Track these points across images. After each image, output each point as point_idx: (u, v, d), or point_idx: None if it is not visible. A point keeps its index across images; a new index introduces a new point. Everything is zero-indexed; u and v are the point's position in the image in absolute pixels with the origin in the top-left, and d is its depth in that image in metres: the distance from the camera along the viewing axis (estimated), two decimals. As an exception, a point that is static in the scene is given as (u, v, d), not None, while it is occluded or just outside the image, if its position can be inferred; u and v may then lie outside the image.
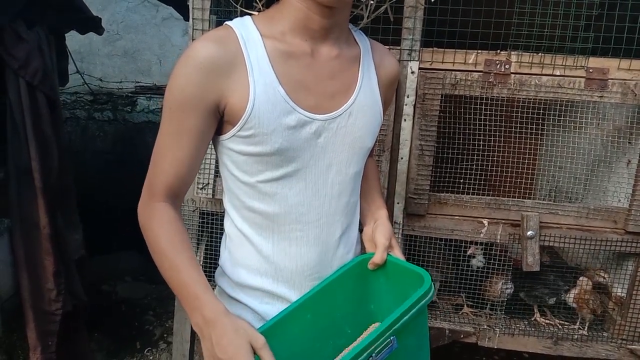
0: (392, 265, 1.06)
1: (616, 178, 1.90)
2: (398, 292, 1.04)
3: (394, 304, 1.01)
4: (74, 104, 4.69)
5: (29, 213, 2.21)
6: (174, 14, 4.37)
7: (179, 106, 0.90)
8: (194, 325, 0.89)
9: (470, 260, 1.92)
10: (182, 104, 0.90)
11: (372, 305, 1.10)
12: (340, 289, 1.04)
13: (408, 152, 1.76)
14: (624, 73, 1.67)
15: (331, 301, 1.03)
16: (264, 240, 1.03)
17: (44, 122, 2.22)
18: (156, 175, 0.95)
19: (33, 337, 2.25)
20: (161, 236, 0.92)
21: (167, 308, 3.49)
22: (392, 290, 1.07)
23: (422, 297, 0.93)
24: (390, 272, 1.07)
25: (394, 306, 0.97)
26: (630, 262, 1.83)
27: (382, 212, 1.17)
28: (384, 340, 0.86)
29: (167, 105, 0.92)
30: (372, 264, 1.07)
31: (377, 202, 1.21)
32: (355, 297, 1.08)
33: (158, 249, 0.92)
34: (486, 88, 1.71)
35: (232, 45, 0.91)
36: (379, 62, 1.10)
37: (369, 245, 1.13)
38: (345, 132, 1.02)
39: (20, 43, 2.10)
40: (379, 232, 1.10)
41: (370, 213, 1.19)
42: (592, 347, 1.84)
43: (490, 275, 1.89)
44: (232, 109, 0.90)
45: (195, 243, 1.93)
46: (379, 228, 1.11)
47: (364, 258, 1.09)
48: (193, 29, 1.74)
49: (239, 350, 0.81)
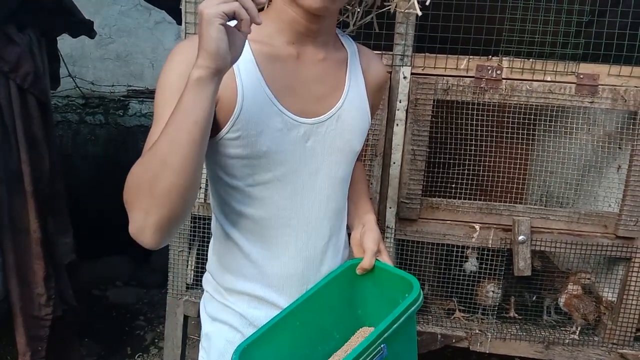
0: (380, 270, 1.06)
1: (607, 183, 1.92)
2: (385, 297, 1.04)
3: (381, 309, 1.02)
4: (66, 108, 4.66)
5: (19, 217, 2.19)
6: (166, 17, 4.36)
7: (166, 102, 0.88)
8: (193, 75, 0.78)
9: (463, 264, 1.92)
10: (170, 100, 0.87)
11: (359, 310, 1.10)
12: (328, 294, 1.04)
13: (400, 156, 1.76)
14: (614, 79, 1.69)
15: (320, 307, 1.02)
16: (252, 245, 1.02)
17: (35, 125, 2.21)
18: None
19: (22, 342, 2.22)
20: (134, 166, 0.84)
21: (158, 313, 3.47)
22: (379, 296, 1.07)
23: (412, 304, 0.93)
24: (378, 278, 1.07)
25: (381, 311, 0.98)
26: (620, 266, 1.84)
27: (370, 217, 1.16)
28: (375, 349, 0.86)
29: (155, 104, 0.91)
30: (361, 269, 1.06)
31: (364, 206, 1.20)
32: (343, 301, 1.08)
33: (141, 170, 0.82)
34: (478, 93, 1.72)
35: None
36: (366, 66, 1.10)
37: (356, 250, 1.12)
38: (334, 135, 1.02)
39: (11, 46, 2.09)
40: (368, 237, 1.09)
41: (358, 217, 1.18)
42: (583, 352, 1.85)
43: (482, 280, 1.90)
44: (219, 110, 0.90)
45: (187, 247, 1.92)
46: (367, 233, 1.11)
47: (352, 263, 1.08)
48: (185, 33, 1.74)
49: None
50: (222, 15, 0.74)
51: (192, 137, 0.78)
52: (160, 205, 0.80)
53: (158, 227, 0.82)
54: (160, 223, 0.81)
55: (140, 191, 0.81)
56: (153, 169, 0.79)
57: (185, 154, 0.78)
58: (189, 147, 0.78)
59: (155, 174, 0.79)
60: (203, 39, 0.76)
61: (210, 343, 1.12)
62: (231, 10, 0.75)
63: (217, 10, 0.74)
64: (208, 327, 1.13)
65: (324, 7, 0.89)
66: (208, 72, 0.77)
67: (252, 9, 0.77)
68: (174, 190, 0.79)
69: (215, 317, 1.11)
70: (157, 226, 0.81)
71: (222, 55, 0.76)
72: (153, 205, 0.80)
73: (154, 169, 0.79)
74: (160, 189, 0.79)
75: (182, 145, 0.78)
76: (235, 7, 0.75)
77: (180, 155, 0.78)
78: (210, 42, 0.75)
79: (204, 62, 0.77)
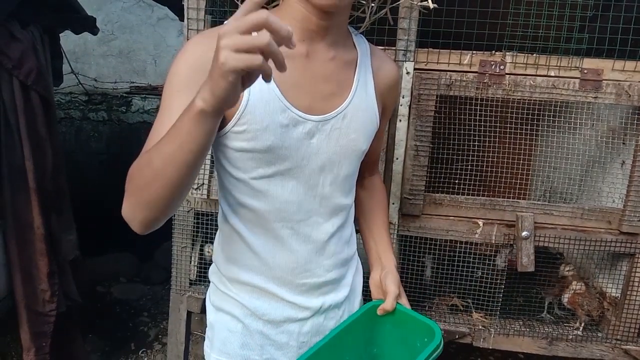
0: (401, 313, 1.10)
1: (610, 179, 1.91)
2: (403, 339, 1.09)
3: (397, 350, 1.10)
4: (69, 104, 4.68)
5: (22, 213, 2.19)
6: (169, 14, 4.37)
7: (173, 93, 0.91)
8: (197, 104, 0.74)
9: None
10: (177, 91, 0.90)
11: (375, 349, 1.14)
12: (351, 332, 1.08)
13: (403, 152, 1.76)
14: (618, 74, 1.68)
15: (342, 345, 1.05)
16: (255, 237, 1.04)
17: (38, 122, 2.21)
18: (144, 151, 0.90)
19: (27, 338, 2.24)
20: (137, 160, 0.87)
21: (162, 309, 3.48)
22: (396, 337, 1.11)
23: (434, 351, 0.97)
24: (398, 320, 1.10)
25: (397, 352, 1.09)
26: (624, 262, 1.83)
27: (390, 261, 1.19)
28: None
29: (164, 92, 0.93)
30: (382, 309, 1.09)
31: (384, 241, 1.24)
32: (362, 340, 1.11)
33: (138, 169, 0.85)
34: (481, 89, 1.71)
35: None
36: (377, 68, 1.11)
37: (375, 291, 1.16)
38: (339, 134, 1.02)
39: (14, 42, 2.09)
40: (389, 280, 1.12)
41: (377, 256, 1.22)
42: (586, 348, 1.84)
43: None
44: None
45: (190, 243, 1.92)
46: (388, 276, 1.13)
47: (373, 304, 1.12)
48: (188, 29, 1.73)
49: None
50: (241, 72, 0.67)
51: (186, 163, 0.79)
52: (148, 208, 0.85)
53: (144, 223, 0.88)
54: (146, 221, 0.87)
55: (133, 190, 0.86)
56: (145, 177, 0.83)
57: (177, 174, 0.80)
58: (182, 169, 0.80)
59: (147, 182, 0.83)
60: (213, 82, 0.70)
61: (214, 332, 1.15)
62: (253, 67, 0.66)
63: (235, 63, 0.66)
64: (212, 317, 1.16)
65: (334, 4, 0.90)
66: (212, 109, 0.73)
67: (279, 57, 0.67)
68: (161, 200, 0.83)
69: (219, 307, 1.13)
70: (143, 222, 0.88)
71: (230, 101, 0.73)
72: (142, 206, 0.85)
73: (147, 177, 0.83)
74: (149, 196, 0.83)
75: (175, 167, 0.79)
76: (258, 64, 0.66)
77: (172, 174, 0.80)
78: (219, 90, 0.70)
79: (210, 99, 0.72)
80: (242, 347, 1.11)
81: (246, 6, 0.67)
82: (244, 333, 1.11)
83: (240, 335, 1.11)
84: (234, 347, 1.11)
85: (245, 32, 0.66)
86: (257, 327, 1.10)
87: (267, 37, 0.65)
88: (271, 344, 1.11)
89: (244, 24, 0.66)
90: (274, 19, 0.65)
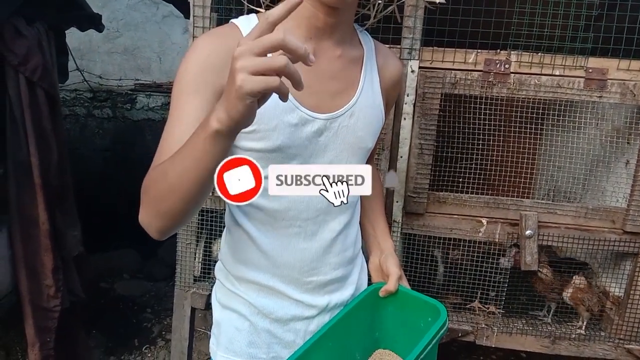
0: (403, 294, 1.11)
1: (615, 178, 1.91)
2: (405, 320, 1.09)
3: (399, 332, 1.10)
4: (74, 101, 4.69)
5: (27, 209, 2.21)
6: (174, 11, 4.37)
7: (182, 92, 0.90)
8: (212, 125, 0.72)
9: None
10: (187, 90, 0.90)
11: (377, 332, 1.14)
12: (354, 316, 1.08)
13: (407, 150, 1.76)
14: (623, 73, 1.68)
15: (347, 328, 1.06)
16: (263, 236, 1.04)
17: (43, 118, 2.22)
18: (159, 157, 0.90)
19: (31, 333, 2.25)
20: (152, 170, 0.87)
21: (166, 305, 3.50)
22: (399, 319, 1.11)
23: (441, 328, 0.98)
24: (401, 301, 1.11)
25: (399, 334, 1.08)
26: (627, 261, 1.83)
27: (388, 244, 1.21)
28: None
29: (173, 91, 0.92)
30: (385, 291, 1.10)
31: (381, 226, 1.25)
32: (365, 323, 1.12)
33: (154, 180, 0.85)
34: (486, 87, 1.71)
35: (233, 42, 0.91)
36: (382, 64, 1.11)
37: (375, 274, 1.17)
38: (347, 132, 1.03)
39: (20, 39, 2.10)
40: (390, 262, 1.13)
41: (375, 241, 1.23)
42: (589, 347, 1.84)
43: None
44: None
45: (195, 240, 1.93)
46: (389, 258, 1.15)
47: (376, 287, 1.12)
48: (194, 27, 1.74)
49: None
50: (258, 94, 0.66)
51: (201, 179, 0.79)
52: (165, 219, 0.86)
53: (160, 231, 0.88)
54: (163, 229, 0.88)
55: (149, 201, 0.86)
56: (161, 190, 0.83)
57: (192, 189, 0.80)
58: (198, 185, 0.80)
59: (162, 195, 0.83)
60: (230, 104, 0.69)
61: (220, 330, 1.15)
62: (270, 90, 0.66)
63: (252, 86, 0.65)
64: (218, 315, 1.16)
65: (341, 0, 0.90)
66: (228, 129, 0.72)
67: (296, 76, 0.67)
68: (177, 212, 0.84)
69: (226, 305, 1.13)
70: (159, 230, 0.88)
71: (247, 123, 0.73)
72: (158, 217, 0.86)
73: (162, 190, 0.83)
74: (165, 207, 0.84)
75: (190, 182, 0.79)
76: (275, 86, 0.65)
77: (187, 189, 0.80)
78: (235, 113, 0.69)
79: (226, 121, 0.71)
80: (250, 346, 1.11)
81: (261, 26, 0.67)
82: (251, 331, 1.11)
83: (248, 334, 1.11)
84: (241, 345, 1.11)
85: (261, 54, 0.65)
86: (264, 326, 1.10)
87: (284, 59, 0.64)
88: (278, 342, 1.11)
89: (260, 46, 0.65)
90: (290, 38, 0.65)
